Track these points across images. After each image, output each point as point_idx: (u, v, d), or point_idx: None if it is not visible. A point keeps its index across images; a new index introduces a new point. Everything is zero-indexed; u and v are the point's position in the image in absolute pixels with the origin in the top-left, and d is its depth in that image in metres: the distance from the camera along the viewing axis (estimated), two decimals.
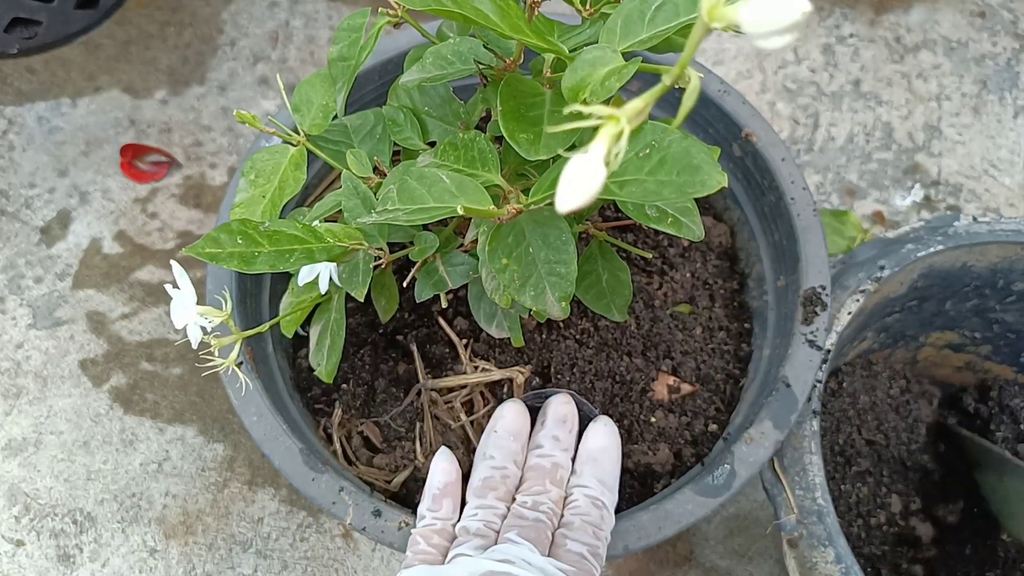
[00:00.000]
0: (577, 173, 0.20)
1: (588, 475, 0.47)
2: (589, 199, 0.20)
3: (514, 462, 0.48)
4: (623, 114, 0.21)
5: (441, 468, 0.48)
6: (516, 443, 0.48)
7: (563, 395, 0.51)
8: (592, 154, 0.20)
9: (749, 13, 0.19)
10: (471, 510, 0.46)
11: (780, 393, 0.52)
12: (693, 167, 0.27)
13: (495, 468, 0.47)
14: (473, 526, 0.45)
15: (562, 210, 0.20)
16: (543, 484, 0.46)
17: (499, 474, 0.47)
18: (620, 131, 0.21)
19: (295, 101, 0.49)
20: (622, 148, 0.21)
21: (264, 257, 0.38)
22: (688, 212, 0.39)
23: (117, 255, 0.81)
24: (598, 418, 0.50)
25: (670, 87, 0.22)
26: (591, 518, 0.45)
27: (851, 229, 0.79)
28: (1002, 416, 0.63)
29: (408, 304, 0.59)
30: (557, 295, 0.36)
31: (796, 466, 0.52)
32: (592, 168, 0.20)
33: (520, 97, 0.35)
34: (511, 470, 0.48)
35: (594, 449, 0.49)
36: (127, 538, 0.69)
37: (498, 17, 0.31)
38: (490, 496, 0.46)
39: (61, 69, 0.90)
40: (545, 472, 0.47)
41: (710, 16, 0.20)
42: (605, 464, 0.48)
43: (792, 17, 0.18)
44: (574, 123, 0.22)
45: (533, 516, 0.45)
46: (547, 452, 0.48)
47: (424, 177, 0.35)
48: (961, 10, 0.96)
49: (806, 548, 0.50)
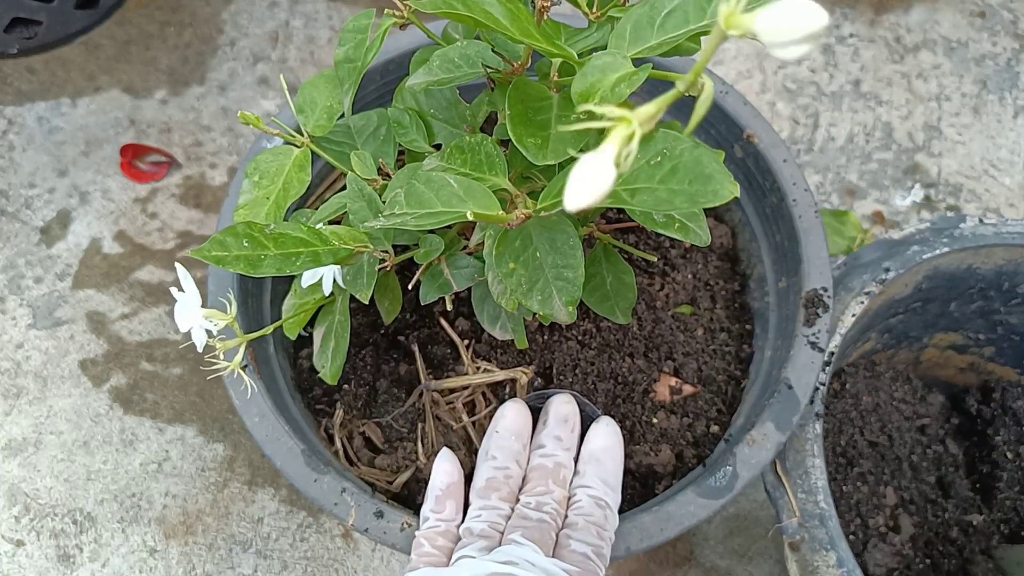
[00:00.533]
0: (588, 172, 0.20)
1: (591, 475, 0.47)
2: (598, 199, 0.20)
3: (516, 462, 0.48)
4: (635, 116, 0.21)
5: (443, 469, 0.48)
6: (518, 443, 0.48)
7: (564, 395, 0.51)
8: (603, 154, 0.20)
9: (767, 22, 0.18)
10: (475, 511, 0.46)
11: (782, 395, 0.52)
12: (705, 176, 0.27)
13: (498, 468, 0.47)
14: (477, 527, 0.45)
15: (570, 208, 0.20)
16: (546, 484, 0.46)
17: (502, 474, 0.47)
18: (631, 133, 0.21)
19: (299, 102, 0.49)
20: (633, 150, 0.21)
21: (270, 260, 0.38)
22: (695, 217, 0.39)
23: (117, 255, 0.81)
24: (600, 418, 0.50)
25: (683, 94, 0.22)
26: (595, 518, 0.45)
27: (851, 229, 0.79)
28: (1004, 418, 0.63)
29: (410, 305, 0.59)
30: (564, 299, 0.36)
31: (798, 469, 0.52)
32: (603, 168, 0.20)
33: (528, 101, 0.35)
34: (514, 470, 0.47)
35: (596, 449, 0.49)
36: (127, 538, 0.69)
37: (508, 21, 0.31)
38: (493, 497, 0.46)
39: (61, 69, 0.90)
40: (548, 472, 0.47)
41: (727, 24, 0.20)
42: (608, 464, 0.48)
43: (811, 27, 0.18)
44: (586, 124, 0.22)
45: (537, 517, 0.45)
46: (549, 452, 0.48)
47: (432, 181, 0.35)
48: (961, 10, 0.96)
49: (808, 552, 0.50)
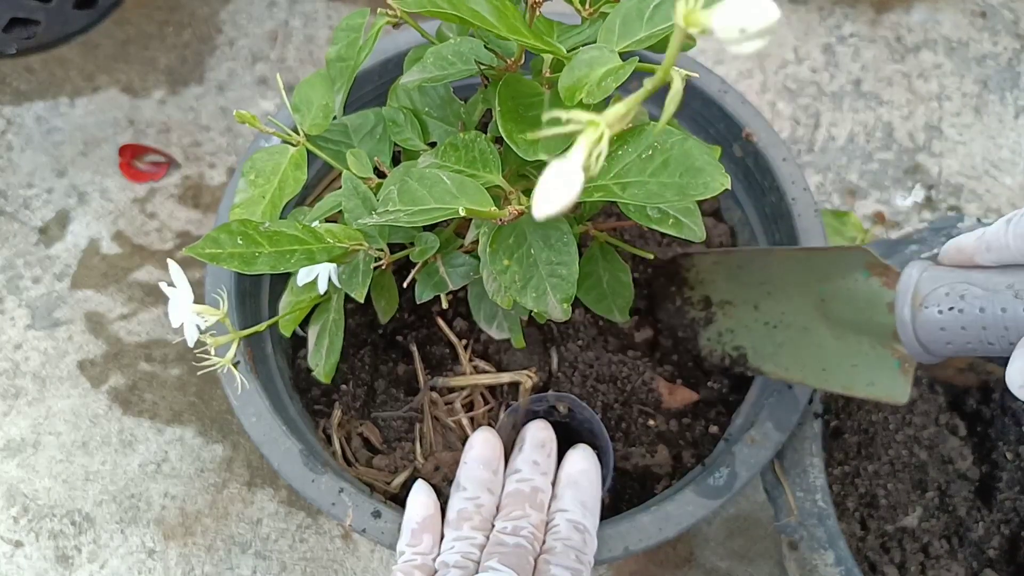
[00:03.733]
0: (555, 179, 0.20)
1: (569, 499, 0.47)
2: (566, 206, 0.20)
3: (488, 490, 0.47)
4: (603, 119, 0.21)
5: (419, 502, 0.48)
6: (487, 471, 0.48)
7: (540, 421, 0.51)
8: (571, 160, 0.20)
9: (721, 19, 0.19)
10: (448, 543, 0.45)
11: (781, 394, 0.51)
12: (696, 169, 0.26)
13: (468, 499, 0.47)
14: (451, 559, 0.44)
15: (538, 215, 0.20)
16: (523, 508, 0.46)
17: (472, 504, 0.46)
18: (600, 136, 0.21)
19: (295, 101, 0.49)
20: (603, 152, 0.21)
21: (264, 258, 0.38)
22: (689, 213, 0.39)
23: (116, 255, 0.81)
24: (576, 446, 0.50)
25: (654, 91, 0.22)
26: (573, 542, 0.45)
27: (851, 229, 0.79)
28: (1004, 418, 0.63)
29: (407, 304, 0.59)
30: (559, 297, 0.35)
31: (797, 468, 0.52)
32: (570, 174, 0.20)
33: (519, 97, 0.35)
34: (485, 499, 0.47)
35: (574, 472, 0.48)
36: (126, 539, 0.69)
37: (495, 18, 0.30)
38: (465, 527, 0.45)
39: (59, 69, 0.90)
40: (524, 497, 0.46)
41: (686, 22, 0.20)
42: (586, 487, 0.48)
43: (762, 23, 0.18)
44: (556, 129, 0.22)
45: (513, 542, 0.44)
46: (526, 477, 0.47)
47: (425, 178, 0.35)
48: (962, 10, 0.96)
49: (806, 550, 0.50)
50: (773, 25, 0.19)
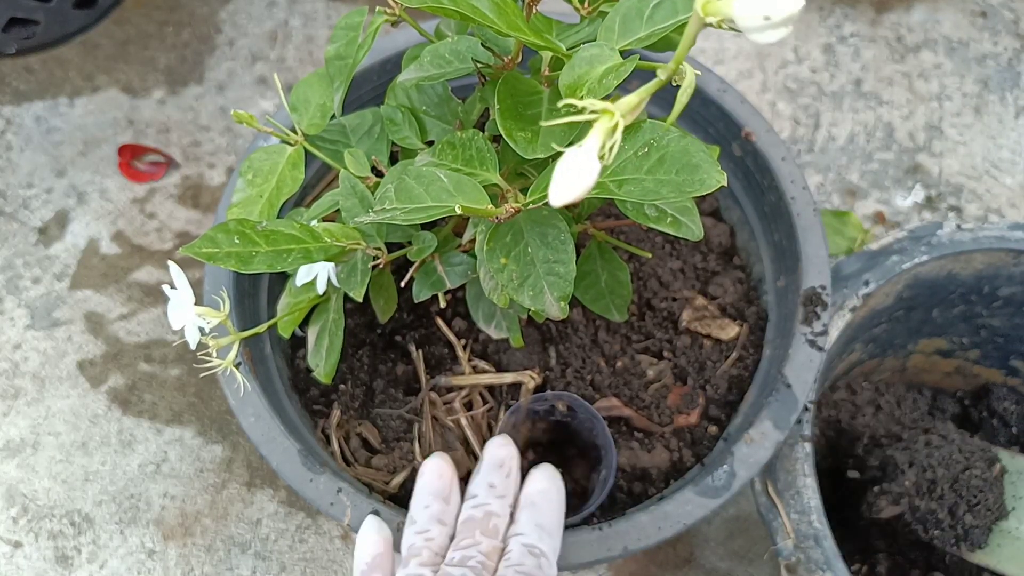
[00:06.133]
0: (571, 166, 0.20)
1: (525, 521, 0.44)
2: (583, 193, 0.20)
3: (439, 522, 0.45)
4: (617, 108, 0.21)
5: (369, 540, 0.45)
6: (438, 501, 0.45)
7: (501, 437, 0.48)
8: (586, 148, 0.20)
9: (743, 7, 0.18)
10: None
11: (780, 393, 0.51)
12: (692, 166, 0.26)
13: (418, 533, 0.44)
14: None
15: (555, 204, 0.20)
16: (473, 536, 0.43)
17: (422, 539, 0.44)
18: (614, 125, 0.21)
19: (293, 100, 0.49)
20: (616, 142, 0.21)
21: (261, 257, 0.38)
22: (687, 211, 0.39)
23: (115, 255, 0.81)
24: (540, 465, 0.48)
25: (666, 82, 0.22)
26: (525, 567, 0.41)
27: (852, 229, 0.79)
28: (991, 420, 0.63)
29: (406, 304, 0.59)
30: (556, 295, 0.35)
31: (790, 490, 0.51)
32: (586, 162, 0.20)
33: (518, 95, 0.35)
34: (435, 531, 0.44)
35: (532, 492, 0.46)
36: (125, 539, 0.69)
37: (495, 15, 0.30)
38: (412, 564, 0.43)
39: (59, 69, 0.90)
40: (476, 523, 0.44)
41: (704, 10, 0.19)
42: (544, 508, 0.45)
43: (786, 11, 0.18)
44: (570, 117, 0.21)
45: (459, 573, 0.41)
46: (480, 502, 0.45)
47: (422, 176, 0.35)
48: (962, 10, 0.96)
49: (804, 572, 0.49)
50: (798, 13, 0.18)
